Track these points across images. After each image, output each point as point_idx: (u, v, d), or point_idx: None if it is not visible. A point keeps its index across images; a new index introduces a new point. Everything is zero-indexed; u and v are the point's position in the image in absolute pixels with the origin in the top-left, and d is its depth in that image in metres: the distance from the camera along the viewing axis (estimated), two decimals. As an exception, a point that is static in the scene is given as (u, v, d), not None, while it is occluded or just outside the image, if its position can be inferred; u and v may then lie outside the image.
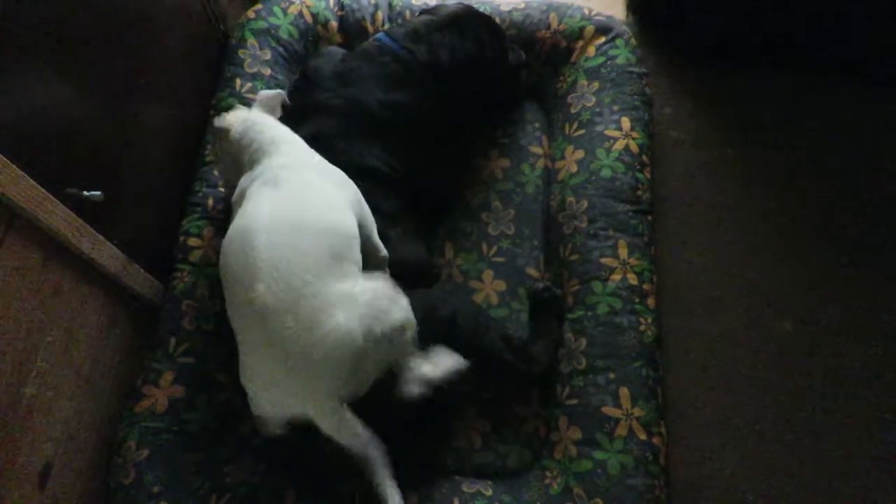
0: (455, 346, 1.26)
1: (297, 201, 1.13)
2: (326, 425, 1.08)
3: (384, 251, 1.25)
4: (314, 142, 1.33)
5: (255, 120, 1.29)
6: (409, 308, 1.14)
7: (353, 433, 1.08)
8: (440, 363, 1.16)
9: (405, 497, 1.26)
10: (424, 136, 1.50)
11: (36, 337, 1.07)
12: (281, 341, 1.04)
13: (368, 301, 1.08)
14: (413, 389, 1.11)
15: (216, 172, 1.55)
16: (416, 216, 1.47)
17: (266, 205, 1.12)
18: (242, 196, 1.19)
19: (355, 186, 1.25)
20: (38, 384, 1.08)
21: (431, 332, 1.23)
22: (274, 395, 1.11)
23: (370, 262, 1.22)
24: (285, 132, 1.29)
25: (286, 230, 1.08)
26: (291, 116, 1.44)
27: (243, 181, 1.22)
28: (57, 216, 1.06)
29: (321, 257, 1.08)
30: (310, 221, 1.11)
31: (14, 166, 0.95)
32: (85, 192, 1.14)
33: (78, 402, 1.21)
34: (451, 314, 1.27)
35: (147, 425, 1.32)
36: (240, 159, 1.25)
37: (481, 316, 1.35)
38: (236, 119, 1.30)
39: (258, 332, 1.06)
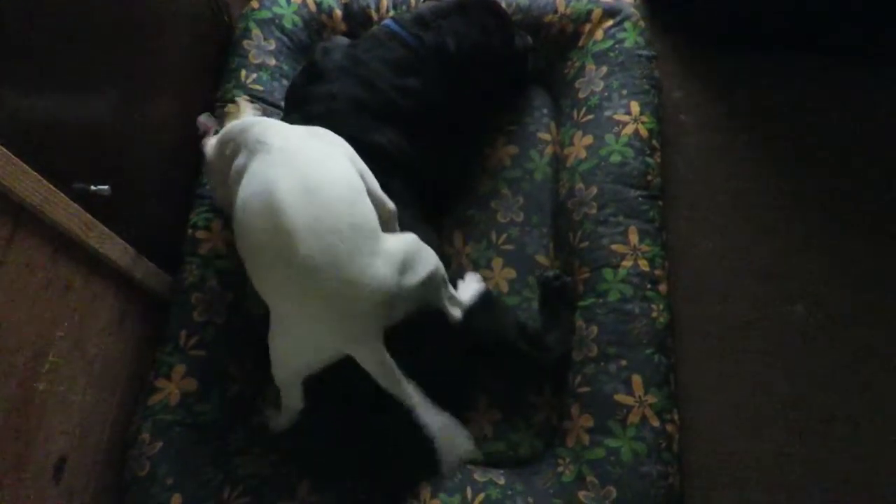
0: (471, 335, 1.26)
1: (304, 162, 1.16)
2: (371, 365, 1.12)
3: (391, 204, 1.27)
4: (326, 126, 1.33)
5: (249, 119, 1.32)
6: (436, 256, 1.21)
7: (391, 373, 1.12)
8: (469, 289, 1.32)
9: (416, 488, 1.27)
10: (434, 124, 1.49)
11: (47, 332, 1.07)
12: (324, 295, 1.07)
13: (401, 254, 1.13)
14: (456, 314, 1.25)
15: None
16: (424, 203, 1.46)
17: (276, 169, 1.14)
18: (240, 174, 1.19)
19: (347, 144, 1.27)
20: (51, 379, 1.09)
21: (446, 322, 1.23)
22: (311, 343, 1.15)
23: (380, 217, 1.23)
24: (276, 122, 1.30)
25: (305, 190, 1.10)
26: (300, 105, 1.43)
27: (238, 161, 1.22)
28: (64, 211, 1.05)
29: (347, 212, 1.11)
30: (322, 180, 1.13)
31: (20, 162, 0.95)
32: (92, 187, 1.14)
33: (91, 396, 1.22)
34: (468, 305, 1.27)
35: (160, 418, 1.33)
36: (231, 160, 1.26)
37: (497, 304, 1.34)
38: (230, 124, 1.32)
39: (297, 288, 1.09)
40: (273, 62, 1.70)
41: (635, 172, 1.52)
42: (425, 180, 1.47)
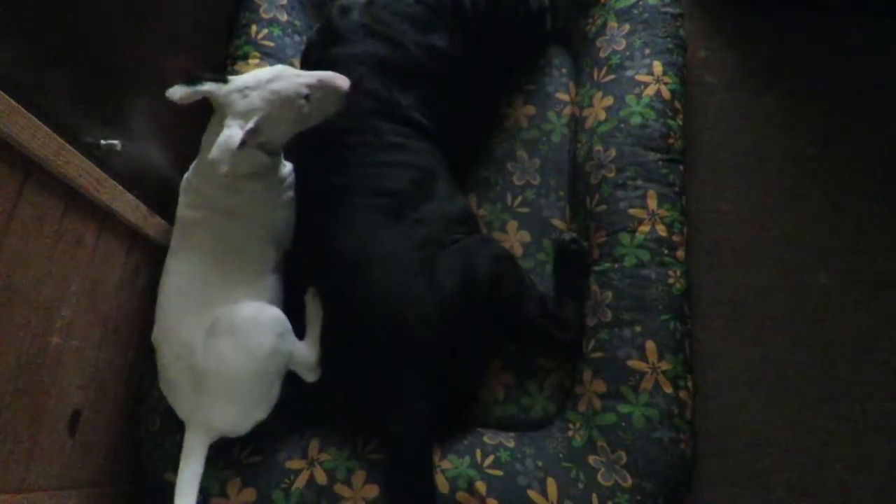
0: (493, 311, 1.26)
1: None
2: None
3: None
4: (353, 91, 1.32)
5: None
6: (274, 330, 1.23)
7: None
8: (312, 341, 1.31)
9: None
10: (456, 86, 1.45)
11: (60, 287, 1.08)
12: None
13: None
14: (310, 378, 1.30)
15: None
16: (452, 169, 1.44)
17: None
18: None
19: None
20: (65, 334, 1.09)
21: (472, 297, 1.23)
22: None
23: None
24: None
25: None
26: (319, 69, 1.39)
27: None
28: (75, 166, 1.05)
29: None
30: None
31: (30, 115, 0.94)
32: (102, 141, 1.12)
33: (105, 351, 1.22)
34: (492, 280, 1.24)
35: (173, 375, 1.33)
36: None
37: (522, 281, 1.31)
38: None
39: None
40: (285, 17, 1.66)
41: (656, 135, 1.47)
42: (450, 146, 1.44)
